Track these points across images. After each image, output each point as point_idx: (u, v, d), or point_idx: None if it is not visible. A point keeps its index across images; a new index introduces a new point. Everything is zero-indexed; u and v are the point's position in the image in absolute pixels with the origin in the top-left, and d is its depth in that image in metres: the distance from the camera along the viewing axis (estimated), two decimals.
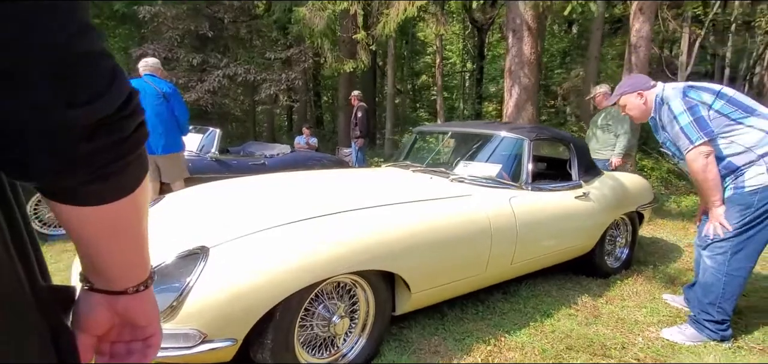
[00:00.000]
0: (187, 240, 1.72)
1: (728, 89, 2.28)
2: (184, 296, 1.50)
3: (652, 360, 2.16)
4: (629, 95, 2.50)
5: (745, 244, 2.22)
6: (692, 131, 2.19)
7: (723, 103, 2.22)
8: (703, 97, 2.25)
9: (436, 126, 3.72)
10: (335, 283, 1.90)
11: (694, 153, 2.20)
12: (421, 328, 2.37)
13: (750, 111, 2.21)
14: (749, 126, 2.18)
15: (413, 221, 2.04)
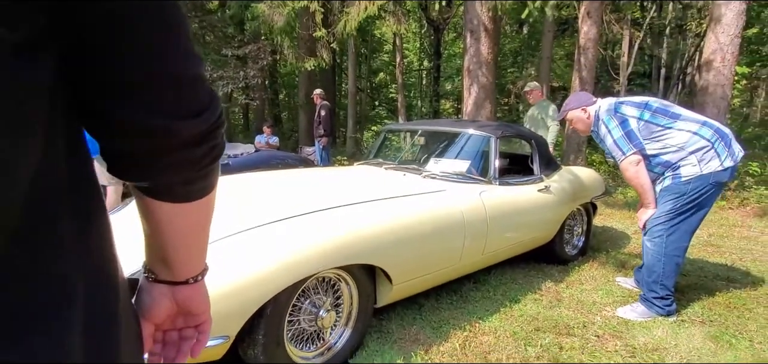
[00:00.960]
0: None
1: (654, 100, 2.59)
2: None
3: (610, 336, 2.37)
4: (575, 111, 2.76)
5: (679, 227, 2.51)
6: (623, 143, 2.49)
7: (650, 113, 2.52)
8: (631, 112, 2.54)
9: (405, 124, 3.83)
10: (320, 278, 1.95)
11: (625, 163, 2.50)
12: (401, 318, 2.46)
13: (676, 116, 2.51)
14: (678, 129, 2.48)
15: (394, 216, 2.13)
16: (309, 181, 2.69)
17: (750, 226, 4.90)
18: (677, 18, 15.61)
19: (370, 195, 2.24)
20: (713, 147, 2.43)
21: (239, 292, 1.56)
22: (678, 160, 2.48)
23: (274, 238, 1.71)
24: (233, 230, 1.72)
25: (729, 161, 2.43)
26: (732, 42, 6.11)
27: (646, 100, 2.58)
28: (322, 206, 1.99)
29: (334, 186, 2.55)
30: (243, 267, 1.60)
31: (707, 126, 2.48)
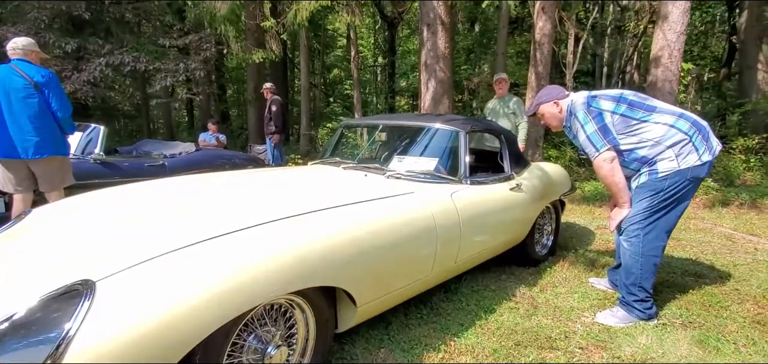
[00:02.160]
0: (64, 272, 1.27)
1: (629, 93, 2.41)
2: (63, 349, 1.08)
3: (594, 346, 2.17)
4: (546, 105, 2.55)
5: (655, 225, 2.37)
6: (597, 139, 2.32)
7: (625, 107, 2.35)
8: (606, 105, 2.36)
9: (364, 119, 3.48)
10: (268, 306, 1.57)
11: (600, 160, 2.33)
12: (366, 342, 2.13)
13: (651, 109, 2.36)
14: (654, 122, 2.33)
15: (355, 225, 1.79)
16: (254, 185, 2.28)
17: (703, 217, 5.01)
18: (616, 19, 16.38)
19: (328, 201, 1.89)
20: (691, 140, 2.30)
21: (148, 341, 1.16)
22: (655, 155, 2.33)
23: (194, 266, 1.31)
24: (147, 254, 1.31)
25: (707, 155, 2.30)
26: (678, 39, 6.30)
27: (621, 93, 2.41)
28: (268, 217, 1.61)
29: (284, 191, 2.16)
30: (151, 307, 1.20)
31: (684, 119, 2.34)
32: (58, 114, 3.28)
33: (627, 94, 2.41)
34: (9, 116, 3.16)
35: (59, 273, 1.28)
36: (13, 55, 3.21)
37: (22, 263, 1.44)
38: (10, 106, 3.15)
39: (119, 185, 2.42)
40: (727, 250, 3.77)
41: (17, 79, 3.15)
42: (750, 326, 2.37)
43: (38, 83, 3.19)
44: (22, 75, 3.16)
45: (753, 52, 9.97)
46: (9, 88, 3.13)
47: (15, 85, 3.14)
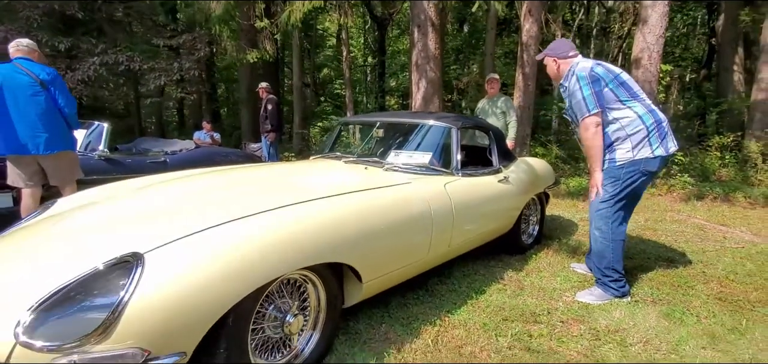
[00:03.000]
0: (112, 246, 1.46)
1: (625, 74, 2.60)
2: (119, 312, 1.27)
3: (574, 320, 2.41)
4: (549, 58, 2.76)
5: (620, 212, 2.62)
6: (591, 102, 2.50)
7: (618, 84, 2.54)
8: (604, 75, 2.53)
9: (361, 117, 3.69)
10: (285, 280, 1.77)
11: (588, 121, 2.52)
12: (368, 318, 2.34)
13: (634, 97, 2.56)
14: (629, 108, 2.53)
15: (361, 210, 2.00)
16: (265, 177, 2.48)
17: (678, 210, 5.32)
18: (602, 21, 16.81)
19: (335, 189, 2.10)
20: (648, 135, 2.51)
21: (196, 303, 1.36)
22: (615, 140, 2.55)
23: (233, 239, 1.52)
24: (185, 231, 1.50)
25: (660, 151, 2.52)
26: (657, 41, 6.62)
27: (620, 72, 2.60)
28: (283, 202, 1.81)
29: (293, 181, 2.36)
30: (199, 274, 1.40)
31: (652, 114, 2.55)
32: (65, 110, 3.41)
33: (623, 75, 2.58)
34: (16, 114, 3.24)
35: (109, 247, 1.47)
36: (16, 53, 3.31)
37: (73, 239, 1.62)
38: (17, 103, 3.23)
39: (136, 178, 2.59)
40: (699, 238, 4.06)
41: (23, 77, 3.25)
42: (712, 301, 2.64)
43: (44, 81, 3.31)
44: (28, 73, 3.27)
45: (729, 55, 10.40)
46: (14, 86, 3.22)
47: (21, 83, 3.23)
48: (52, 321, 1.29)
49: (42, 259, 1.55)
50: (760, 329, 2.30)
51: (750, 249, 3.72)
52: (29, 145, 3.31)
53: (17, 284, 1.43)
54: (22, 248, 1.71)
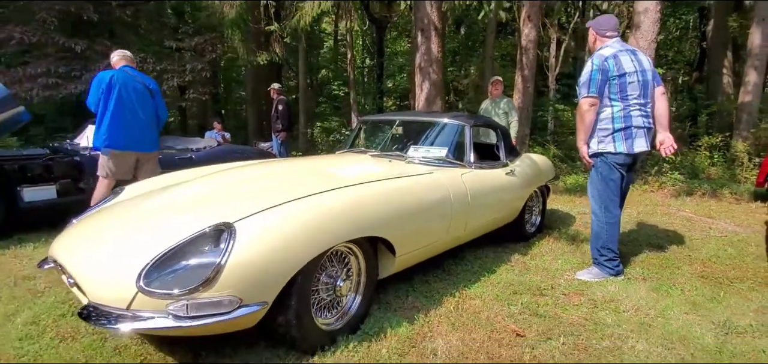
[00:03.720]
0: (204, 218, 1.79)
1: (632, 77, 2.84)
2: (219, 267, 1.60)
3: (574, 293, 2.76)
4: (591, 30, 3.07)
5: (607, 197, 2.96)
6: (592, 85, 2.82)
7: (617, 82, 2.82)
8: (612, 69, 2.82)
9: (381, 116, 4.04)
10: (334, 252, 2.11)
11: (585, 101, 2.87)
12: (396, 292, 2.68)
13: (623, 98, 2.84)
14: (610, 106, 2.85)
15: (396, 194, 2.35)
16: (306, 167, 2.81)
17: (669, 205, 5.70)
18: None
19: (369, 177, 2.43)
20: (613, 133, 2.86)
21: (276, 262, 1.70)
22: (594, 130, 2.92)
23: (302, 212, 1.86)
24: (261, 206, 1.84)
25: (622, 148, 2.85)
26: (649, 46, 6.99)
27: (626, 71, 2.81)
28: (332, 186, 2.15)
29: (331, 171, 2.70)
30: (278, 239, 1.74)
31: (624, 119, 2.83)
32: (161, 117, 3.90)
33: (629, 77, 2.82)
34: (132, 115, 3.65)
35: (202, 218, 1.80)
36: (122, 62, 3.73)
37: (164, 215, 1.95)
38: (133, 106, 3.65)
39: (177, 171, 2.92)
40: (686, 229, 4.43)
41: (137, 84, 3.70)
42: (696, 279, 3.00)
43: (152, 90, 3.81)
44: (140, 81, 3.75)
45: (719, 58, 10.84)
46: (131, 90, 3.64)
47: (136, 88, 3.68)
48: (166, 275, 1.62)
49: (150, 227, 1.89)
50: (735, 299, 2.66)
51: (732, 238, 4.09)
52: (140, 143, 3.73)
53: (134, 246, 1.76)
54: (127, 220, 2.04)
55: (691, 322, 2.37)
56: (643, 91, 2.88)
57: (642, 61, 2.92)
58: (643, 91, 2.88)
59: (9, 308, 2.43)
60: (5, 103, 3.63)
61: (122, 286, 1.61)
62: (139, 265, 1.63)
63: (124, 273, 1.64)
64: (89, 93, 3.61)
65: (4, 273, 2.99)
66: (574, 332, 2.24)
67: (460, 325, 2.29)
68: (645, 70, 2.90)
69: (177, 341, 2.01)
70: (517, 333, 2.22)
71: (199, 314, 1.59)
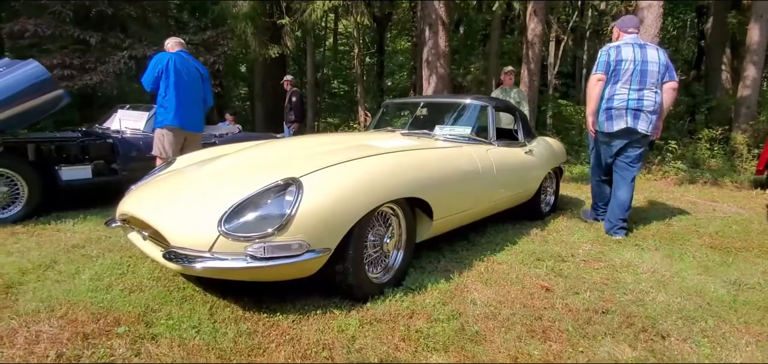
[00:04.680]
0: (271, 174, 1.98)
1: (627, 64, 3.30)
2: (290, 216, 1.79)
3: (594, 260, 2.96)
4: (615, 28, 3.56)
5: (595, 163, 3.71)
6: (601, 66, 3.37)
7: (613, 68, 3.33)
8: (614, 57, 3.34)
9: (404, 99, 4.24)
10: (379, 213, 2.29)
11: (594, 77, 3.41)
12: (429, 259, 2.87)
13: (615, 83, 3.34)
14: (611, 86, 3.36)
15: (434, 161, 2.54)
16: (346, 139, 2.99)
17: (673, 191, 5.92)
18: (595, 23, 17.48)
19: (408, 147, 2.62)
20: (599, 111, 3.43)
21: (338, 213, 1.89)
22: (601, 108, 3.42)
23: (357, 171, 2.05)
24: (321, 165, 2.03)
25: (605, 128, 3.42)
26: (653, 41, 7.21)
27: (624, 58, 3.31)
28: (380, 151, 2.34)
29: (370, 143, 2.88)
30: (337, 193, 1.93)
31: (609, 100, 3.36)
32: (209, 102, 4.18)
33: (625, 63, 3.30)
34: (187, 96, 3.92)
35: (265, 175, 1.98)
36: (176, 47, 4.00)
37: (231, 175, 2.14)
38: (188, 88, 3.92)
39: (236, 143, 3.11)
40: (692, 210, 4.64)
41: (192, 67, 3.98)
42: (705, 248, 3.21)
43: (204, 75, 4.09)
44: (194, 65, 4.02)
45: (718, 55, 11.09)
46: (186, 73, 3.91)
47: (191, 71, 3.95)
48: (244, 220, 1.80)
49: (223, 182, 2.08)
50: (743, 264, 2.87)
51: (736, 217, 4.31)
52: (192, 123, 4.01)
53: (212, 197, 1.95)
54: (197, 178, 2.24)
55: (704, 281, 2.57)
56: (639, 79, 3.28)
57: (648, 55, 3.31)
58: (639, 79, 3.28)
59: (70, 268, 2.60)
60: (46, 85, 3.80)
61: (205, 231, 1.80)
62: (219, 212, 1.82)
63: (206, 220, 1.82)
64: (146, 71, 3.85)
65: (53, 244, 3.16)
66: (598, 289, 2.44)
67: (492, 282, 2.49)
68: (647, 62, 3.29)
69: (241, 290, 2.20)
70: (547, 288, 2.42)
71: (274, 256, 1.78)
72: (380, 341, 1.81)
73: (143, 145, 4.48)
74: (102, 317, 1.94)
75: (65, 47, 8.78)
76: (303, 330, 1.88)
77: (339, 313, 2.02)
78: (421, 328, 1.92)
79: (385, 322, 1.97)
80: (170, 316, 1.97)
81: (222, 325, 1.90)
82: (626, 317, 2.08)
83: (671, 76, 3.34)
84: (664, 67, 3.32)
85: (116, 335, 1.81)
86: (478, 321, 2.01)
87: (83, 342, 1.76)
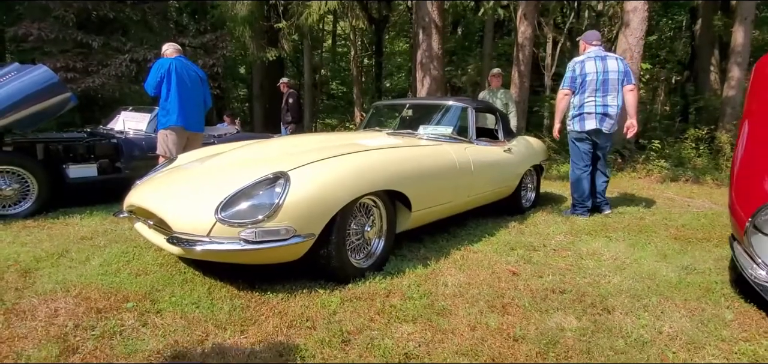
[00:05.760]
0: (262, 169, 2.23)
1: (591, 76, 3.83)
2: (279, 205, 2.03)
3: (563, 249, 3.20)
4: (582, 42, 4.10)
5: (572, 160, 4.12)
6: (567, 81, 3.94)
7: (579, 80, 3.86)
8: (579, 72, 3.87)
9: (392, 101, 4.49)
10: (360, 204, 2.54)
11: (561, 92, 4.01)
12: (410, 249, 3.11)
13: (582, 93, 3.87)
14: (574, 97, 3.92)
15: (412, 157, 2.79)
16: (335, 138, 3.25)
17: (653, 189, 6.16)
18: (592, 25, 17.73)
19: (390, 145, 2.87)
20: (572, 118, 3.94)
21: (325, 199, 2.14)
22: (570, 114, 3.93)
23: (340, 165, 2.30)
24: (308, 160, 2.28)
25: (577, 126, 3.95)
26: (638, 43, 7.48)
27: (588, 72, 3.84)
28: (364, 148, 2.59)
29: (357, 141, 3.13)
30: (321, 185, 2.17)
31: (580, 108, 3.88)
32: (208, 103, 4.47)
33: (589, 75, 3.82)
34: (188, 98, 4.21)
35: (257, 170, 2.23)
36: (175, 53, 4.26)
37: (227, 169, 2.38)
38: (189, 91, 4.21)
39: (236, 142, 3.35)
40: (667, 206, 4.88)
41: (192, 71, 4.26)
42: (669, 239, 3.45)
43: (202, 78, 4.38)
44: (193, 70, 4.30)
45: (707, 56, 11.34)
46: (186, 75, 4.19)
47: (191, 75, 4.24)
48: (238, 208, 2.05)
49: (220, 176, 2.33)
50: (700, 252, 3.12)
51: (707, 212, 4.55)
52: (193, 123, 4.29)
53: (210, 189, 2.20)
54: (197, 173, 2.49)
55: (659, 266, 2.82)
56: (602, 88, 3.82)
57: (608, 65, 3.84)
58: (602, 88, 3.82)
59: (81, 256, 2.85)
60: (54, 88, 4.04)
61: (203, 217, 2.05)
62: (216, 201, 2.07)
63: (204, 208, 2.07)
64: (148, 77, 4.12)
65: (63, 236, 3.40)
66: (560, 273, 2.68)
67: (465, 268, 2.74)
68: (608, 71, 3.83)
69: (237, 274, 2.44)
70: (514, 272, 2.66)
71: (264, 240, 2.02)
72: (357, 314, 2.06)
73: (145, 145, 4.73)
74: (112, 295, 2.19)
75: (68, 50, 9.03)
76: (290, 306, 2.12)
77: (323, 292, 2.27)
78: (395, 304, 2.16)
79: (364, 300, 2.21)
80: (173, 294, 2.22)
81: (219, 301, 2.15)
82: (580, 295, 2.33)
83: (628, 80, 3.88)
84: (623, 74, 3.85)
85: (126, 310, 2.06)
86: (447, 299, 2.26)
87: (96, 315, 2.00)
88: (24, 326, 1.92)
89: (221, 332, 1.89)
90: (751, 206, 2.15)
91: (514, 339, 1.89)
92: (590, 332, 1.96)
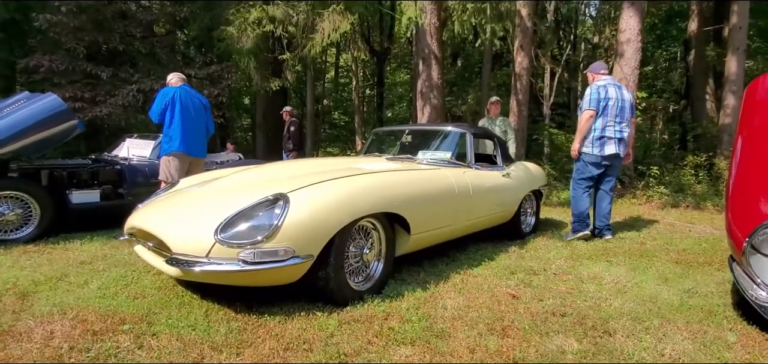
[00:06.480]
0: (262, 191, 2.25)
1: (612, 101, 3.93)
2: (278, 226, 2.05)
3: (564, 273, 3.18)
4: (589, 73, 4.25)
5: (576, 181, 4.15)
6: (592, 102, 3.97)
7: (604, 105, 3.92)
8: (602, 95, 3.95)
9: (392, 127, 4.55)
10: (359, 226, 2.55)
11: (586, 112, 4.01)
12: (409, 273, 3.10)
13: (604, 115, 3.89)
14: (596, 120, 3.93)
15: (411, 181, 2.81)
16: (334, 162, 3.29)
17: (654, 214, 6.15)
18: (588, 56, 18.09)
19: (390, 168, 2.90)
20: (592, 140, 3.97)
21: (324, 220, 2.15)
22: (589, 137, 3.96)
23: (339, 188, 2.32)
24: (307, 183, 2.30)
25: (596, 151, 4.01)
26: (633, 72, 7.61)
27: (611, 97, 3.97)
28: (360, 172, 2.61)
29: (357, 165, 3.16)
30: (322, 206, 2.19)
31: (602, 130, 3.95)
32: (210, 130, 4.54)
33: (611, 101, 3.96)
34: (191, 125, 4.30)
35: (257, 192, 2.25)
36: (180, 83, 4.39)
37: (228, 192, 2.41)
38: (192, 118, 4.31)
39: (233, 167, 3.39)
40: (668, 232, 4.87)
41: (195, 99, 4.38)
42: (670, 263, 3.43)
43: (206, 105, 4.50)
44: (197, 97, 4.42)
45: (701, 85, 11.50)
46: (190, 103, 4.31)
47: (195, 103, 4.35)
48: (237, 229, 2.07)
49: (220, 198, 2.35)
50: (701, 276, 3.09)
51: (709, 237, 4.53)
52: (196, 150, 4.37)
53: (209, 211, 2.22)
54: (198, 195, 2.52)
55: (661, 289, 2.79)
56: (620, 113, 3.95)
57: (624, 93, 4.04)
58: (620, 113, 3.95)
59: (79, 279, 2.85)
60: (62, 116, 4.12)
61: (203, 239, 2.06)
62: (216, 223, 2.08)
63: (204, 229, 2.09)
64: (153, 105, 4.21)
65: (63, 260, 3.41)
66: (561, 296, 2.66)
67: (465, 292, 2.72)
68: (625, 100, 4.00)
69: (234, 297, 2.43)
70: (514, 295, 2.64)
71: (262, 261, 2.03)
72: (355, 337, 2.04)
73: (149, 171, 4.78)
74: (109, 318, 2.18)
75: (77, 81, 9.22)
76: (287, 328, 2.11)
77: (321, 314, 2.26)
78: (394, 326, 2.14)
79: (362, 322, 2.20)
80: (170, 316, 2.21)
81: (215, 324, 2.14)
82: (580, 318, 2.31)
83: (633, 112, 4.06)
84: (631, 105, 4.03)
85: (122, 332, 2.04)
86: (446, 322, 2.24)
87: (92, 337, 1.99)
88: (19, 348, 1.90)
89: (217, 355, 1.87)
90: (748, 227, 2.15)
91: (514, 361, 1.87)
92: (591, 354, 1.94)
